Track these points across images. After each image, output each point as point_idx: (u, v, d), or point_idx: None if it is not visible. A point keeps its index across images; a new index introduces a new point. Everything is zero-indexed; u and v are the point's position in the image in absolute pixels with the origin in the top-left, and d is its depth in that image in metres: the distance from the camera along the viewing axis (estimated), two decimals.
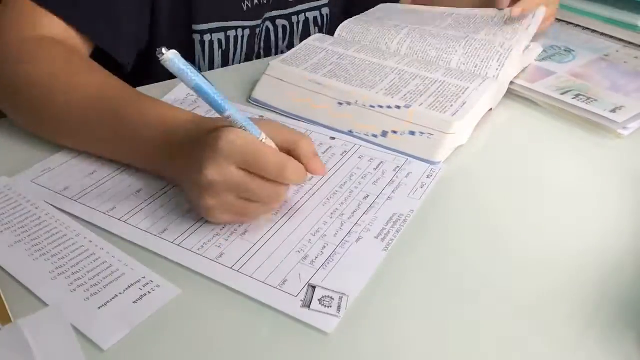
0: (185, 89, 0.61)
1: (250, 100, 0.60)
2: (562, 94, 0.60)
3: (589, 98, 0.59)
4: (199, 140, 0.41)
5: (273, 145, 0.41)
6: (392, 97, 0.54)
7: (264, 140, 0.40)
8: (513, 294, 0.39)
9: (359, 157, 0.52)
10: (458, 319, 0.37)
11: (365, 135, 0.54)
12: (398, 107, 0.53)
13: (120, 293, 0.37)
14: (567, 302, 0.38)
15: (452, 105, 0.53)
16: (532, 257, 0.42)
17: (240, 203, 0.40)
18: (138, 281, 0.38)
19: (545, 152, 0.55)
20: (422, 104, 0.53)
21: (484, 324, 0.37)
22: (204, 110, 0.57)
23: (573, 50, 0.70)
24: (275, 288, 0.38)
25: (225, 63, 0.70)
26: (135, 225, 0.43)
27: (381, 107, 0.54)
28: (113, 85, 0.49)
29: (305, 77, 0.58)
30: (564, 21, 0.79)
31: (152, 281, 0.38)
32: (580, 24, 0.78)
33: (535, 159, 0.54)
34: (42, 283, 0.37)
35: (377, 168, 0.50)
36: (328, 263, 0.40)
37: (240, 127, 0.39)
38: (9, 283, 0.37)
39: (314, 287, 0.38)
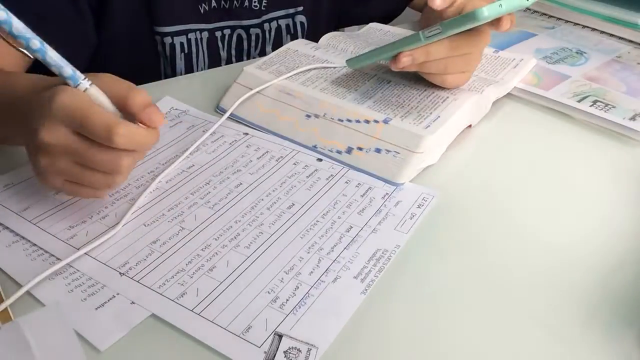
0: (167, 103, 0.58)
1: (217, 109, 0.57)
2: (579, 100, 0.57)
3: (607, 104, 0.57)
4: (36, 100, 0.38)
5: (108, 105, 0.37)
6: (363, 108, 0.51)
7: (93, 95, 0.37)
8: (510, 309, 0.35)
9: (346, 182, 0.48)
10: None
11: (330, 151, 0.50)
12: (367, 122, 0.50)
13: (117, 294, 0.37)
14: (568, 301, 0.37)
15: (425, 118, 0.50)
16: (538, 268, 0.38)
17: (76, 169, 0.38)
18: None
19: (561, 158, 0.52)
20: (395, 115, 0.50)
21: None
22: (186, 126, 0.54)
23: (585, 52, 0.67)
24: (238, 336, 0.34)
25: (189, 68, 0.68)
26: (95, 257, 0.39)
27: (350, 121, 0.51)
28: None
29: (277, 87, 0.55)
30: (570, 22, 0.76)
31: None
32: (580, 23, 0.76)
33: (550, 167, 0.51)
34: (40, 283, 0.37)
35: (364, 195, 0.46)
36: (300, 307, 0.36)
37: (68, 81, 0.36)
38: (7, 283, 0.37)
39: (280, 336, 0.34)
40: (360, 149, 0.49)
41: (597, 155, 0.53)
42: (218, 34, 0.68)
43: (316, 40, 0.66)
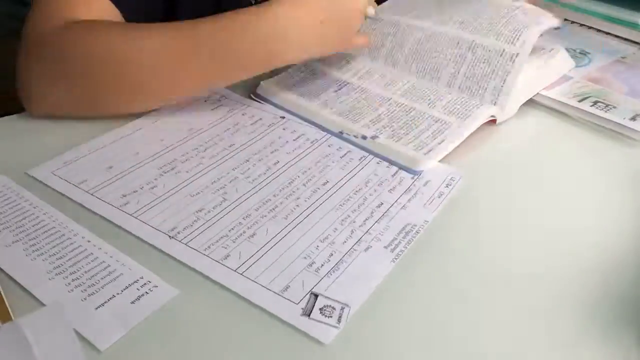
0: None
1: (252, 95, 0.59)
2: (579, 100, 0.58)
3: (607, 105, 0.57)
4: None
5: None
6: (367, 128, 0.53)
7: None
8: (515, 297, 0.37)
9: (377, 163, 0.50)
10: (461, 331, 0.35)
11: (355, 136, 0.53)
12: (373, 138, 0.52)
13: (118, 293, 0.37)
14: (568, 301, 0.38)
15: (430, 142, 0.51)
16: (546, 263, 0.40)
17: None
18: (136, 281, 0.38)
19: (564, 159, 0.53)
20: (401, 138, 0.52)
21: (485, 327, 0.36)
22: (226, 109, 0.57)
23: (588, 53, 0.68)
24: (277, 294, 0.37)
25: None
26: (145, 222, 0.43)
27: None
28: (175, 23, 0.50)
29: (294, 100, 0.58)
30: (576, 22, 0.76)
31: (149, 281, 0.38)
32: (585, 24, 0.76)
33: (555, 167, 0.52)
34: (40, 283, 0.37)
35: (395, 174, 0.49)
36: (333, 271, 0.39)
37: None
38: (6, 283, 0.37)
39: (316, 296, 0.37)
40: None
41: (596, 155, 0.53)
42: None
43: None
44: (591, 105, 0.57)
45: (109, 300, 0.36)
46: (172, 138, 0.53)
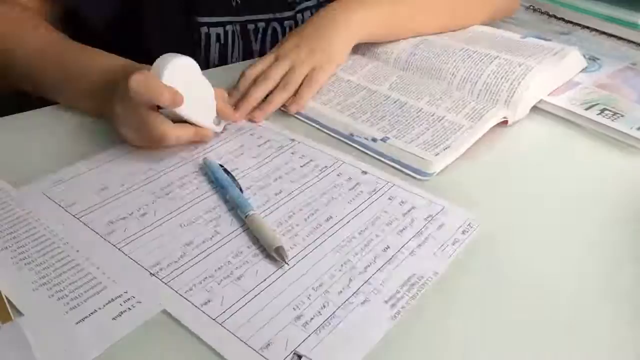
0: None
1: None
2: (586, 108, 0.56)
3: (615, 113, 0.55)
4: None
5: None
6: (377, 130, 0.53)
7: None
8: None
9: (389, 199, 0.46)
10: None
11: (365, 139, 0.52)
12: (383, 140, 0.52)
13: (99, 308, 0.36)
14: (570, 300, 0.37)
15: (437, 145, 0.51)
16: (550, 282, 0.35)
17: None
18: (119, 296, 0.36)
19: (567, 167, 0.51)
20: (412, 140, 0.51)
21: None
22: (234, 128, 0.54)
23: (598, 59, 0.65)
24: (256, 352, 0.33)
25: (222, 59, 0.69)
26: (127, 254, 0.40)
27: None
28: (56, 42, 0.57)
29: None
30: (586, 28, 0.74)
31: (133, 296, 0.36)
32: (597, 29, 0.74)
33: (552, 176, 0.50)
34: (23, 293, 0.36)
35: (406, 214, 0.44)
36: (323, 327, 0.35)
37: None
38: None
39: (299, 357, 0.33)
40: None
41: (603, 165, 0.51)
42: (251, 26, 0.69)
43: None
44: (598, 114, 0.55)
45: (90, 315, 0.35)
46: (172, 159, 0.50)
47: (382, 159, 0.50)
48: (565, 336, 0.35)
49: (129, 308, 0.36)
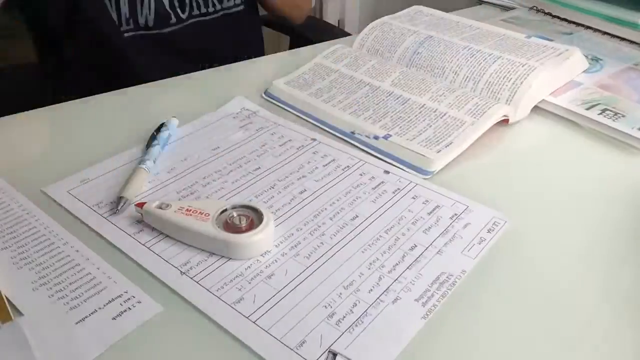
0: (239, 104, 0.58)
1: (264, 94, 0.60)
2: (587, 108, 0.56)
3: (616, 113, 0.55)
4: None
5: None
6: (379, 128, 0.53)
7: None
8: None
9: (413, 198, 0.46)
10: None
11: (367, 136, 0.52)
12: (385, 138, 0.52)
13: (100, 308, 0.36)
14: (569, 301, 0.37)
15: (439, 142, 0.51)
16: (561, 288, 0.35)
17: None
18: (119, 296, 0.36)
19: (567, 167, 0.51)
20: (414, 137, 0.52)
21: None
22: (255, 127, 0.54)
23: (601, 59, 0.65)
24: (292, 350, 0.33)
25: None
26: (157, 253, 0.40)
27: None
28: None
29: (305, 100, 0.58)
30: (590, 28, 0.74)
31: (133, 296, 0.36)
32: (600, 29, 0.74)
33: (553, 176, 0.50)
34: (23, 293, 0.36)
35: (431, 213, 0.44)
36: (356, 326, 0.35)
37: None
38: None
39: (334, 355, 0.33)
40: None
41: (603, 165, 0.51)
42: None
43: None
44: (599, 114, 0.55)
45: (90, 315, 0.35)
46: (195, 158, 0.50)
47: (383, 157, 0.50)
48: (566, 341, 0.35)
49: (129, 308, 0.36)
